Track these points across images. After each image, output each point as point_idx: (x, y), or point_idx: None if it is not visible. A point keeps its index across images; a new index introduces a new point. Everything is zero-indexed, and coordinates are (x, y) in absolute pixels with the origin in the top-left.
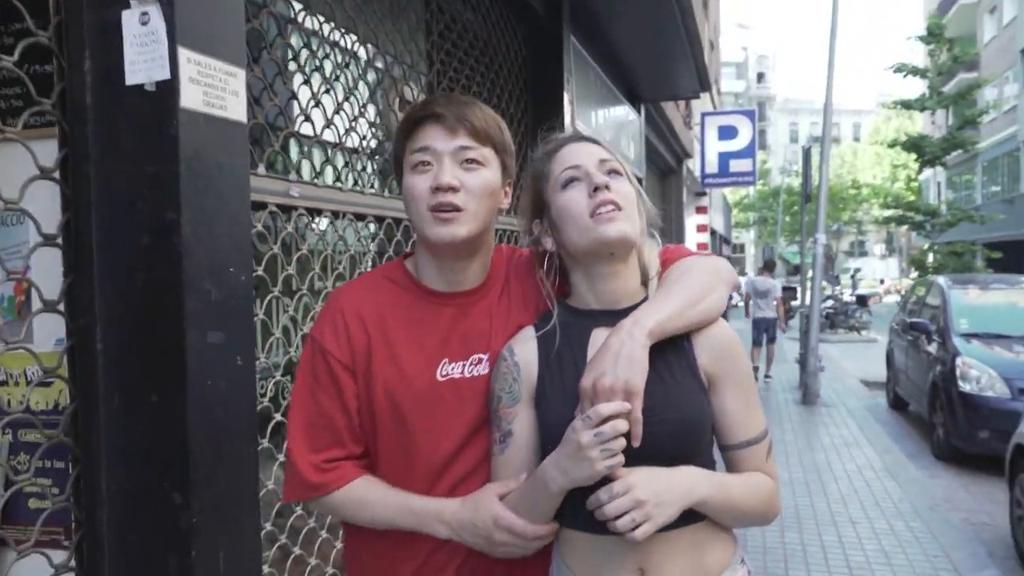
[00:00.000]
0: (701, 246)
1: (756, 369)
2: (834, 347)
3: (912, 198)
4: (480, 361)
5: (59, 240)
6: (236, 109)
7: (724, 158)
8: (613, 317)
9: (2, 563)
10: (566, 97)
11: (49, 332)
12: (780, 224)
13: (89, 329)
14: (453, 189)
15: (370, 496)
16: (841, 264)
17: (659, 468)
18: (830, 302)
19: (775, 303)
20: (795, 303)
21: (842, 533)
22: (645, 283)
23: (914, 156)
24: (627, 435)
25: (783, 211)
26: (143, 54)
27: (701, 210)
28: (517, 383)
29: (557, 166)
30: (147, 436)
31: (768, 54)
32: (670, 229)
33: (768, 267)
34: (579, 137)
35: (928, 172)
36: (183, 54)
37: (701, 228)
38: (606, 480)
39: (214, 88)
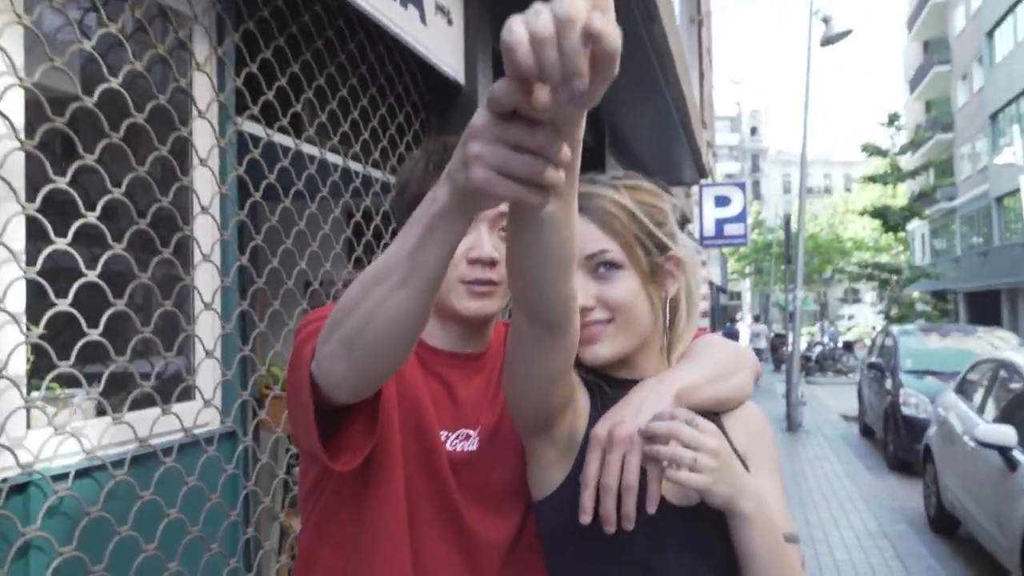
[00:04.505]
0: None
1: None
2: (821, 388)
3: (886, 258)
4: (468, 437)
5: None
6: None
7: (719, 223)
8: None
9: None
10: None
11: None
12: (773, 274)
13: None
14: (493, 263)
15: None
16: (835, 311)
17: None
18: (819, 348)
19: (764, 340)
20: (786, 349)
21: (806, 509)
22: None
23: (879, 222)
24: (641, 504)
25: (775, 262)
26: None
27: (702, 264)
28: None
29: None
30: None
31: (760, 108)
32: None
33: (757, 319)
34: (580, 207)
35: (914, 224)
36: None
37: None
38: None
39: None
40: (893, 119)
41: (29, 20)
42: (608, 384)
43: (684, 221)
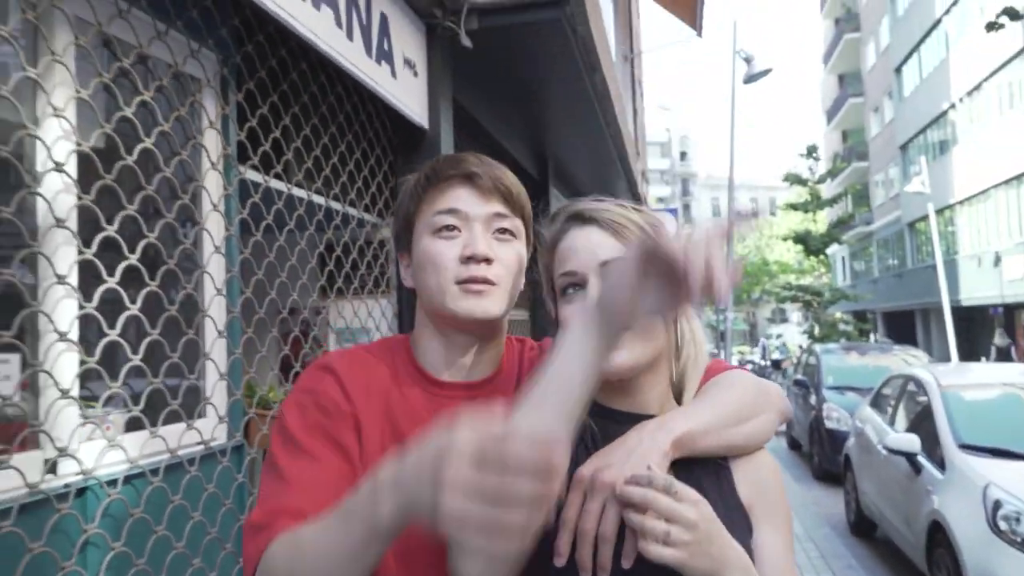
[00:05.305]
0: None
1: None
2: None
3: (809, 280)
4: None
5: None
6: None
7: None
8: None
9: None
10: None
11: None
12: None
13: None
14: (488, 260)
15: (303, 533)
16: (764, 331)
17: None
18: (749, 366)
19: None
20: None
21: None
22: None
23: (800, 247)
24: (617, 554)
25: None
26: None
27: None
28: None
29: (557, 264)
30: None
31: (689, 134)
32: None
33: None
34: (592, 219)
35: (835, 247)
36: None
37: None
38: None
39: None
40: (811, 151)
41: (87, 94)
42: (602, 417)
43: None
